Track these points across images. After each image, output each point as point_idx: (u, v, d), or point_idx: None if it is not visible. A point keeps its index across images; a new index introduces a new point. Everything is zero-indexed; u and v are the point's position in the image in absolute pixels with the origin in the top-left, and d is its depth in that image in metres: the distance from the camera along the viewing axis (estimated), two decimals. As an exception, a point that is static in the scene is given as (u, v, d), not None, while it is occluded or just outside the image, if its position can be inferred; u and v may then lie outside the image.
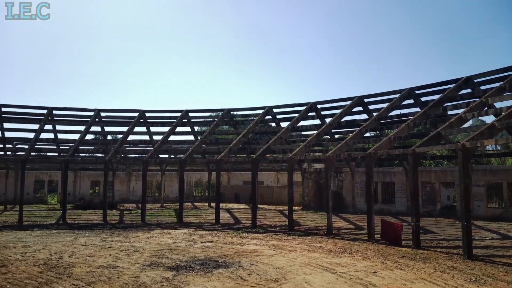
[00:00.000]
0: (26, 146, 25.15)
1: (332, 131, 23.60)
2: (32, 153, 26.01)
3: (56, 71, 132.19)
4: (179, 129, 28.09)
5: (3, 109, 26.60)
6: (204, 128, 39.86)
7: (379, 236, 16.46)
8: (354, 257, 12.47)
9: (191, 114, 28.46)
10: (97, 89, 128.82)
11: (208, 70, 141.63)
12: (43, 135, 26.31)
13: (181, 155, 26.23)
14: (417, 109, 20.25)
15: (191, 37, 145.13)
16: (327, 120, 23.30)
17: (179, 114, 27.80)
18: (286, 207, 31.74)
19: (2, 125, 26.99)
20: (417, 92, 20.81)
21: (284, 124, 25.78)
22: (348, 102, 22.84)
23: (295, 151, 20.76)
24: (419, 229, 14.88)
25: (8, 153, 29.94)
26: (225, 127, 42.90)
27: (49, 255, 12.49)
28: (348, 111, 22.43)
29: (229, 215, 26.43)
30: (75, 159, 25.02)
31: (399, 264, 11.48)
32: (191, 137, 29.13)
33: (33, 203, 36.80)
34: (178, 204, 23.89)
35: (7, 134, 27.90)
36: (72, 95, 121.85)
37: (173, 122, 27.44)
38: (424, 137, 16.15)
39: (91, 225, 21.15)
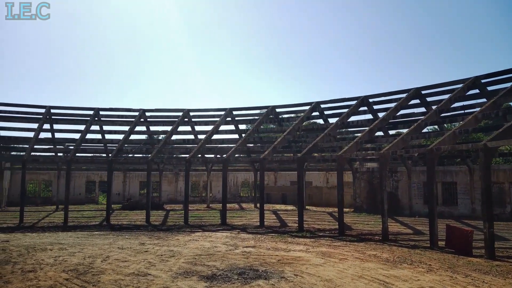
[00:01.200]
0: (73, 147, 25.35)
1: (386, 126, 21.64)
2: (79, 154, 26.24)
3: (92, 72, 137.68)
4: (222, 127, 27.26)
5: (53, 110, 27.12)
6: (248, 127, 38.87)
7: (443, 243, 14.46)
8: (416, 269, 10.73)
9: (235, 112, 27.53)
10: (134, 90, 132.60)
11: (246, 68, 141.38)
12: (90, 136, 26.57)
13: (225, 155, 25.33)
14: (483, 100, 17.99)
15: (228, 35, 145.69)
16: (380, 114, 21.38)
17: (222, 113, 26.97)
18: (336, 209, 30.02)
19: (52, 126, 27.53)
20: (483, 81, 18.45)
21: (332, 120, 24.14)
22: (403, 95, 20.80)
23: (345, 149, 19.09)
24: (493, 236, 12.79)
25: (60, 154, 30.65)
26: (270, 125, 41.68)
27: (82, 259, 11.85)
28: (404, 104, 20.41)
29: (275, 217, 25.16)
30: (118, 159, 24.81)
31: (472, 279, 9.63)
32: (235, 136, 28.19)
33: (84, 203, 37.57)
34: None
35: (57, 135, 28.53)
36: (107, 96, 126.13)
37: (216, 120, 26.65)
38: (490, 131, 13.99)
39: (133, 227, 20.72)
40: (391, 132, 23.26)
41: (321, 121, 26.11)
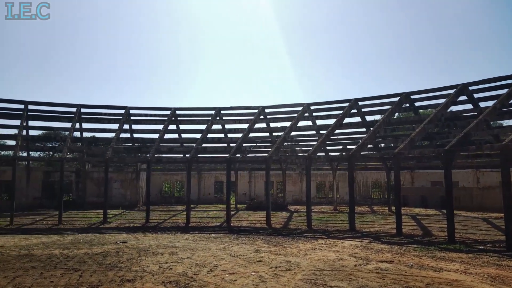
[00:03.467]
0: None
1: None
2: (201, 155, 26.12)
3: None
4: (347, 120, 24.38)
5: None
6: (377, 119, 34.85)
7: None
8: None
9: (361, 103, 24.38)
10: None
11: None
12: (211, 135, 26.34)
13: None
14: None
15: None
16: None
17: (346, 104, 24.10)
18: (491, 215, 24.48)
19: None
20: None
21: (484, 105, 19.45)
22: None
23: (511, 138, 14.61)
24: None
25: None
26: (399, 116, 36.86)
27: (188, 268, 10.46)
28: None
29: (414, 223, 21.27)
30: (236, 158, 23.84)
31: None
32: (362, 129, 25.00)
33: (214, 203, 38.25)
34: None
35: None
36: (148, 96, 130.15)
37: (339, 114, 23.88)
38: None
39: (252, 230, 19.25)
40: None
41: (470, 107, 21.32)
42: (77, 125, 26.93)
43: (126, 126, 27.65)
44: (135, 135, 28.82)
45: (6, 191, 32.00)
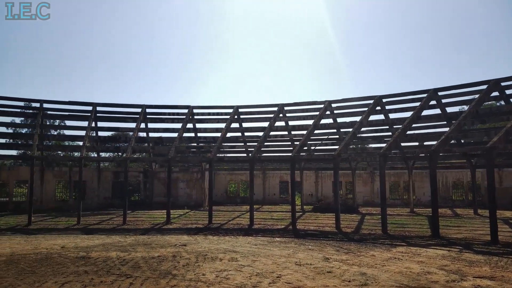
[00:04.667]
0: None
1: None
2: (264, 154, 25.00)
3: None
4: (425, 112, 21.81)
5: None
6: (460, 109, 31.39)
7: None
8: None
9: (440, 93, 21.72)
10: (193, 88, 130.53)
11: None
12: (273, 133, 25.15)
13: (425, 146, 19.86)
14: None
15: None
16: None
17: (424, 95, 21.62)
18: None
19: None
20: None
21: None
22: None
23: None
24: None
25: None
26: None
27: (247, 279, 9.26)
28: None
29: (509, 229, 18.37)
30: (300, 156, 22.32)
31: None
32: (442, 123, 22.26)
33: (279, 203, 37.06)
34: (430, 209, 17.84)
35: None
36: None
37: (415, 106, 21.47)
38: None
39: (320, 234, 17.64)
40: None
41: None
42: (143, 125, 27.09)
43: (189, 125, 27.40)
44: (199, 134, 28.48)
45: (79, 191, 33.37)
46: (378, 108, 23.62)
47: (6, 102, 24.77)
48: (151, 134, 30.03)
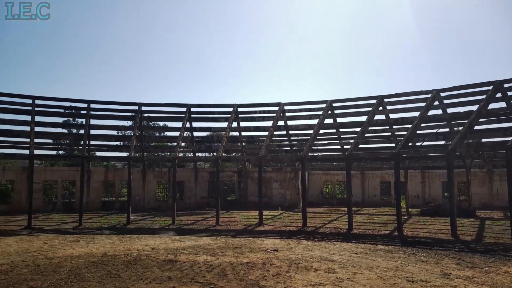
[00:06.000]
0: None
1: None
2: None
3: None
4: None
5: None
6: None
7: None
8: None
9: None
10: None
11: None
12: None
13: None
14: None
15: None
16: None
17: None
18: None
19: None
20: None
21: None
22: None
23: None
24: None
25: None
26: None
27: (347, 297, 7.69)
28: None
29: None
30: (406, 151, 19.72)
31: None
32: None
33: (380, 206, 34.29)
34: None
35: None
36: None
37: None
38: None
39: (433, 242, 15.11)
40: None
41: None
42: (234, 124, 26.72)
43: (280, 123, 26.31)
44: (290, 132, 27.22)
45: (178, 191, 34.39)
46: (499, 95, 20.01)
47: (108, 106, 26.25)
48: (243, 133, 29.59)
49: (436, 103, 21.83)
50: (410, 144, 20.98)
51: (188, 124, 27.05)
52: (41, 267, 10.43)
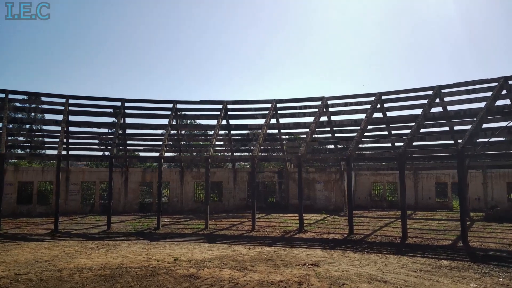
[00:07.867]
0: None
1: None
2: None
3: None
4: None
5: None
6: None
7: None
8: None
9: None
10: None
11: None
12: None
13: None
14: None
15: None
16: None
17: None
18: None
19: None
20: None
21: None
22: None
23: None
24: None
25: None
26: None
27: None
28: None
29: None
30: (470, 148, 16.95)
31: None
32: None
33: (435, 209, 31.18)
34: None
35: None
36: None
37: None
38: None
39: (509, 256, 12.46)
40: None
41: None
42: (273, 121, 24.92)
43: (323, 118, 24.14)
44: (334, 129, 24.96)
45: (217, 192, 33.03)
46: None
47: (143, 104, 25.36)
48: (283, 131, 27.69)
49: (504, 92, 18.88)
50: (474, 139, 18.15)
51: (224, 122, 25.59)
52: (43, 282, 9.17)
